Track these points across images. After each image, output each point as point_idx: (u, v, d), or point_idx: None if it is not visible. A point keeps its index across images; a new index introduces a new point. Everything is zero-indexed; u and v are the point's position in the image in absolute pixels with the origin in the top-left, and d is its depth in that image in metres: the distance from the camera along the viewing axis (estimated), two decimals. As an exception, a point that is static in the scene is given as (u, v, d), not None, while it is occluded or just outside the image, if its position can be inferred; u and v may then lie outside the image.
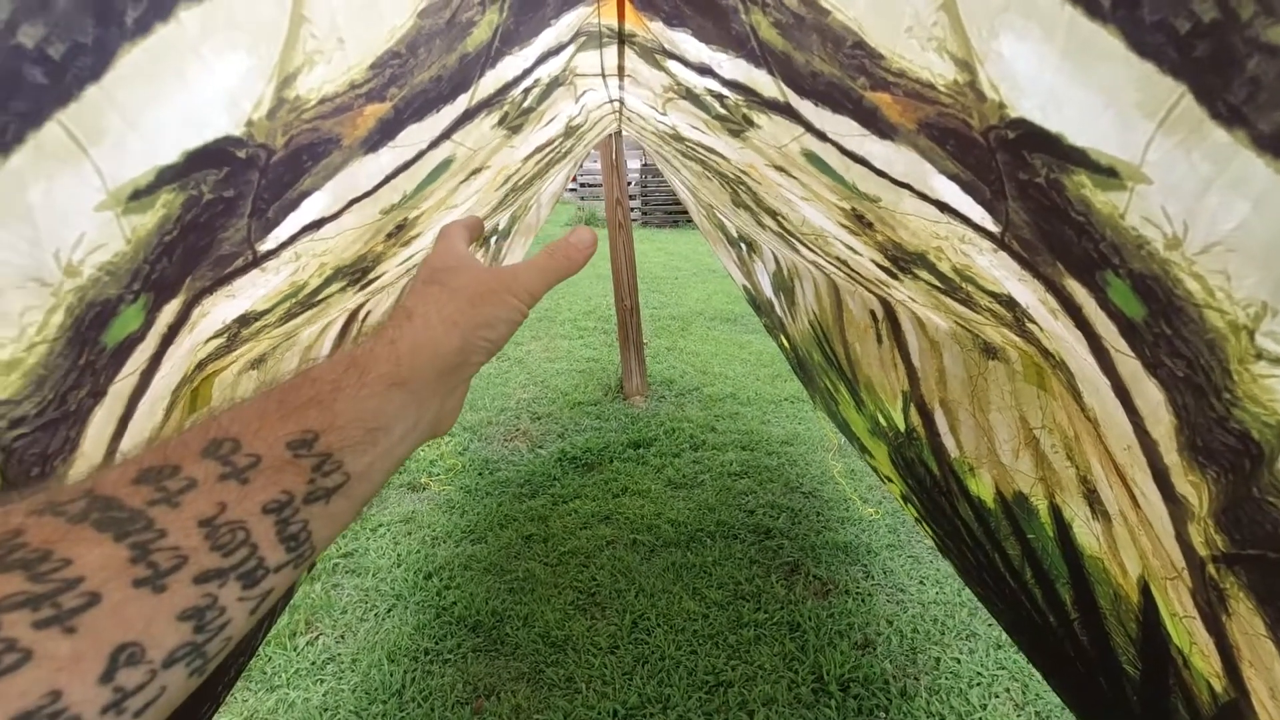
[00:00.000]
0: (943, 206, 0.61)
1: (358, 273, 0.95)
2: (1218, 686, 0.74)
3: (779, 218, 1.38)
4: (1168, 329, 0.41)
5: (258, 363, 1.12)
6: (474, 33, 0.51)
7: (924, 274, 0.91)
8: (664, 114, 1.06)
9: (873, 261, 1.07)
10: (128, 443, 0.59)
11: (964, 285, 0.83)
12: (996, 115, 0.39)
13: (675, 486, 3.48)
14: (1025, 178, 0.43)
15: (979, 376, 1.20)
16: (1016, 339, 0.88)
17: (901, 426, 1.56)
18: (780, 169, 0.91)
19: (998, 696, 2.12)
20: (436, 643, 2.46)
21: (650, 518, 3.17)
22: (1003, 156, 0.43)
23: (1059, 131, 0.36)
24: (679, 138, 1.21)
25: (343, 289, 0.98)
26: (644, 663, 2.28)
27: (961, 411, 1.32)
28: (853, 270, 1.26)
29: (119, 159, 0.33)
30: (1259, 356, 0.34)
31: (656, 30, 0.66)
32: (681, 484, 3.49)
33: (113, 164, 0.32)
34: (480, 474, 3.71)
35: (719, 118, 0.84)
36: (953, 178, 0.53)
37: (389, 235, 0.87)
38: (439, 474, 3.75)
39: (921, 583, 2.67)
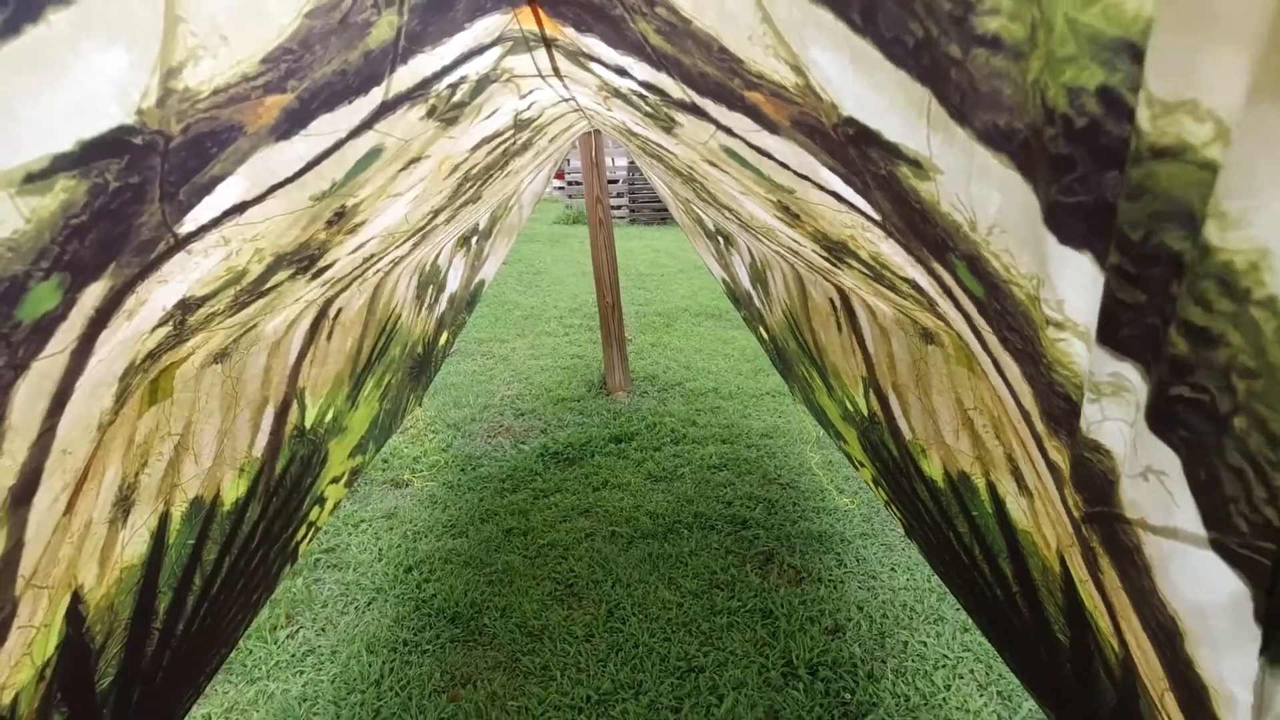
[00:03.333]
0: (837, 196, 0.65)
1: (304, 260, 0.98)
2: (1115, 645, 0.78)
3: (733, 212, 1.42)
4: (998, 304, 0.45)
5: (221, 357, 1.15)
6: (374, 31, 0.54)
7: (853, 262, 0.95)
8: (610, 110, 1.09)
9: (814, 251, 1.11)
10: (68, 420, 0.63)
11: (884, 272, 0.87)
12: (835, 114, 0.43)
13: (655, 480, 3.52)
14: (874, 170, 0.46)
15: (921, 360, 1.24)
16: (941, 323, 0.92)
17: (865, 411, 1.61)
18: (713, 164, 0.95)
19: (961, 678, 2.17)
20: (415, 634, 2.49)
21: (629, 510, 3.21)
22: (853, 151, 0.47)
23: (877, 128, 0.40)
24: (633, 134, 1.25)
25: (292, 276, 1.02)
26: (618, 650, 2.32)
27: (910, 395, 1.36)
28: (805, 260, 1.29)
29: (5, 145, 0.36)
30: (1048, 323, 0.37)
31: (571, 35, 0.69)
32: (661, 477, 3.53)
33: (-1, 149, 0.36)
34: (463, 470, 3.74)
35: (648, 116, 0.88)
36: (833, 170, 0.57)
37: (329, 223, 0.91)
38: (422, 470, 3.78)
39: (893, 569, 2.72)
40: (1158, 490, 0.32)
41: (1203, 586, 0.32)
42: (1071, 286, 0.32)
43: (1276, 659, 0.28)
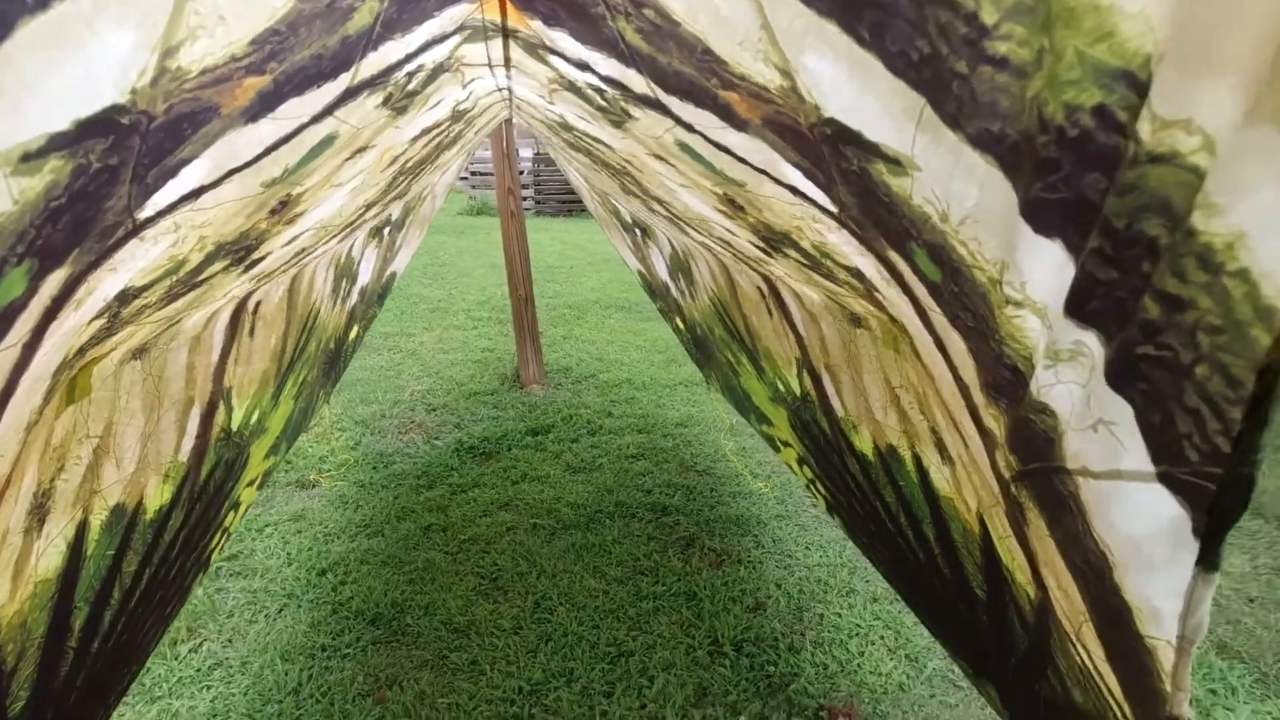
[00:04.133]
0: (794, 190, 0.70)
1: (241, 251, 0.94)
2: (1031, 593, 0.88)
3: (665, 204, 1.47)
4: (955, 287, 0.51)
5: (140, 353, 1.08)
6: (355, 17, 0.54)
7: (792, 252, 1.02)
8: (552, 103, 1.11)
9: (749, 242, 1.17)
10: (6, 420, 0.59)
11: (824, 261, 0.94)
12: (815, 115, 0.47)
13: (574, 471, 3.54)
14: (845, 166, 0.51)
15: (851, 343, 1.33)
16: (872, 308, 1.00)
17: (798, 391, 1.70)
18: (659, 157, 0.99)
19: (873, 644, 2.33)
20: (334, 638, 2.41)
21: (550, 502, 3.21)
22: (826, 149, 0.51)
23: (859, 129, 0.44)
24: (568, 127, 1.27)
25: (226, 268, 0.97)
26: (548, 640, 2.34)
27: (843, 374, 1.46)
28: (736, 250, 1.36)
29: (13, 122, 0.35)
30: (1007, 302, 0.43)
31: (537, 28, 0.71)
32: (580, 468, 3.56)
33: (6, 126, 0.35)
34: (375, 468, 3.62)
35: (600, 109, 0.90)
36: (796, 165, 0.62)
37: (272, 211, 0.88)
38: (329, 470, 3.64)
39: (807, 548, 2.87)
40: (1106, 439, 0.39)
41: (1141, 518, 0.39)
42: (1037, 269, 0.37)
43: (1209, 566, 0.34)
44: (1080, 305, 0.34)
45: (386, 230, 2.62)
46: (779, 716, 2.04)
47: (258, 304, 1.51)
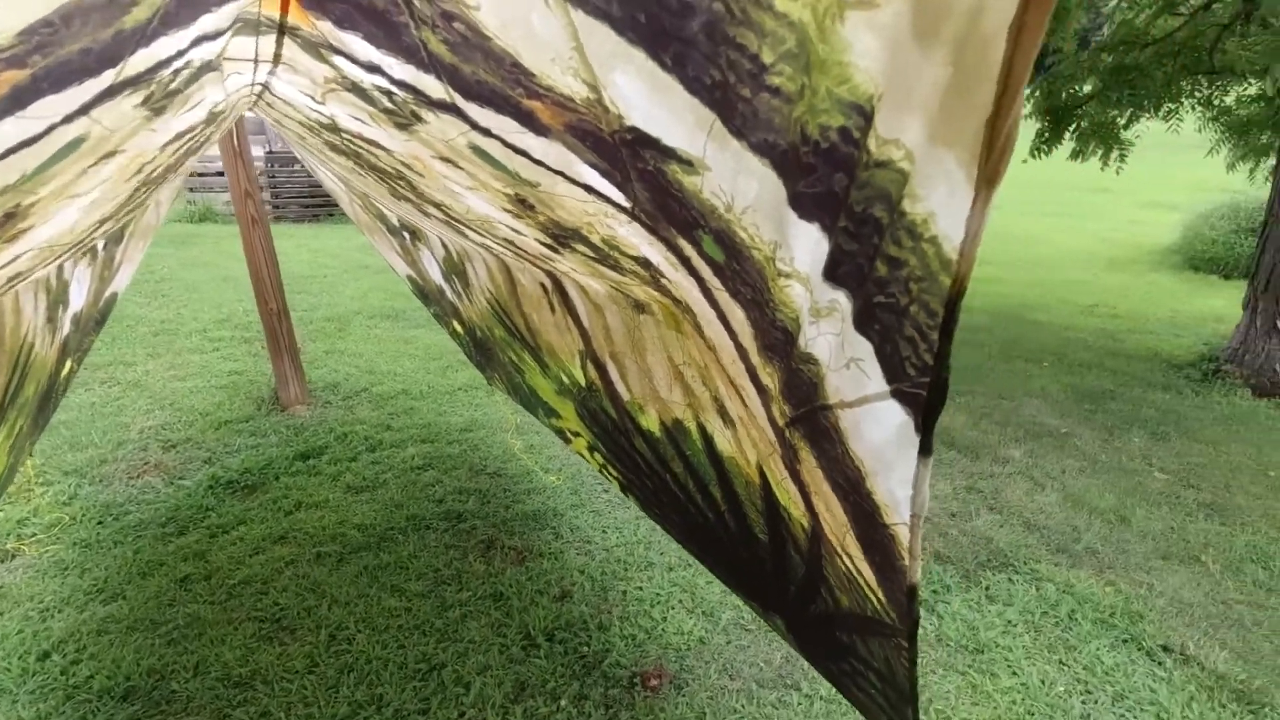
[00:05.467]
0: (588, 188, 0.77)
1: (-52, 273, 0.79)
2: (805, 523, 1.06)
3: (443, 208, 1.47)
4: (737, 266, 0.62)
5: None
6: (134, 11, 0.51)
7: (580, 246, 1.09)
8: (322, 103, 1.06)
9: (536, 240, 1.23)
10: None
11: (612, 253, 1.03)
12: (618, 123, 0.55)
13: (356, 491, 3.33)
14: (641, 166, 0.60)
15: (635, 329, 1.45)
16: (656, 294, 1.11)
17: (582, 381, 1.79)
18: (448, 160, 1.01)
19: (673, 609, 2.53)
20: (74, 728, 2.04)
21: (333, 527, 3.00)
22: (625, 152, 0.59)
23: (658, 136, 0.53)
24: (335, 129, 1.21)
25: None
26: (349, 671, 2.20)
27: (627, 360, 1.57)
28: (519, 249, 1.41)
29: None
30: (779, 274, 0.55)
31: (324, 29, 0.70)
32: (363, 487, 3.36)
33: None
34: (100, 523, 3.09)
35: (386, 111, 0.90)
36: (594, 166, 0.69)
37: (-3, 226, 0.75)
38: (35, 534, 3.03)
39: (604, 531, 3.01)
40: (855, 374, 0.51)
41: (882, 428, 0.52)
42: (802, 247, 0.48)
43: (926, 453, 0.48)
44: (833, 270, 0.46)
45: (102, 245, 2.25)
46: (596, 692, 2.14)
47: (-57, 337, 1.24)
